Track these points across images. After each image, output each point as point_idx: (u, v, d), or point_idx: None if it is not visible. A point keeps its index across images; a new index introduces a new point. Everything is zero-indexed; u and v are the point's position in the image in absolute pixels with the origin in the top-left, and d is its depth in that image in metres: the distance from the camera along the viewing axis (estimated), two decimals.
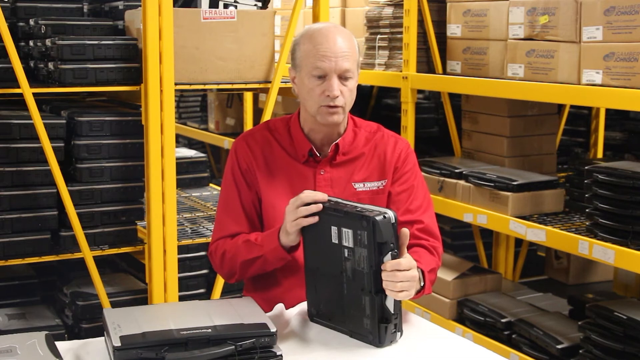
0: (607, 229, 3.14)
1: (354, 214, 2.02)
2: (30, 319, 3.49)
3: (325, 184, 2.35)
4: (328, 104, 2.24)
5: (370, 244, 1.99)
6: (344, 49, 2.24)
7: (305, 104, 2.32)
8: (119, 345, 1.81)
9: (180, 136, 6.44)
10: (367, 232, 1.99)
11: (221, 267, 2.37)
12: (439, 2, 4.19)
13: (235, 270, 2.33)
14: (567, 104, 4.50)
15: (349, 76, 2.25)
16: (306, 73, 2.26)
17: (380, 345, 2.03)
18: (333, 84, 2.22)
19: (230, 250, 2.32)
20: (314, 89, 2.25)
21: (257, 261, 2.26)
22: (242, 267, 2.30)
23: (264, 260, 2.25)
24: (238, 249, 2.30)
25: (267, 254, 2.23)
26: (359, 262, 2.04)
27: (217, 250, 2.36)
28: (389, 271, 1.98)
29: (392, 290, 1.99)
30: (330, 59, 2.22)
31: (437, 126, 5.17)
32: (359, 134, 2.40)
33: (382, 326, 2.03)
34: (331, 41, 2.24)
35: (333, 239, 2.08)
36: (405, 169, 2.40)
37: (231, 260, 2.32)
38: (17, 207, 3.21)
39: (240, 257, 2.29)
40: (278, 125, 2.42)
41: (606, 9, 3.14)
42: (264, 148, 2.38)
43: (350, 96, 2.28)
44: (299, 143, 2.36)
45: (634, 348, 3.12)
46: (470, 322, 3.96)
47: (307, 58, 2.26)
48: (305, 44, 2.28)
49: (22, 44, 3.56)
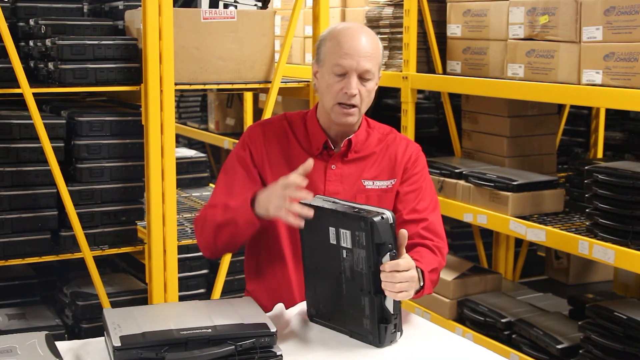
0: (607, 229, 3.14)
1: (352, 215, 2.02)
2: (30, 319, 3.49)
3: (335, 179, 2.36)
4: (344, 102, 2.27)
5: (368, 244, 1.99)
6: (368, 49, 2.28)
7: (323, 99, 2.35)
8: (119, 345, 1.81)
9: (180, 136, 6.44)
10: (365, 233, 1.98)
11: (201, 234, 2.36)
12: (439, 2, 4.19)
13: (210, 236, 2.31)
14: (567, 104, 4.50)
15: (368, 77, 2.29)
16: (328, 69, 2.30)
17: (380, 346, 2.04)
18: (352, 82, 2.26)
19: (210, 216, 2.31)
20: (333, 85, 2.28)
21: (229, 225, 2.25)
22: (215, 231, 2.29)
23: (235, 224, 2.23)
24: (216, 213, 2.29)
25: (238, 216, 2.22)
26: (357, 263, 2.04)
27: (201, 217, 2.37)
28: (387, 272, 1.98)
29: (391, 290, 1.99)
30: (353, 57, 2.26)
31: (437, 126, 5.17)
32: (371, 134, 2.43)
33: (382, 326, 2.03)
34: (356, 40, 2.28)
35: (331, 240, 2.08)
36: (415, 171, 2.43)
37: (209, 224, 2.31)
38: (17, 207, 3.21)
39: (216, 220, 2.28)
40: (295, 118, 2.45)
41: (606, 9, 3.14)
42: (279, 137, 2.40)
43: (367, 97, 2.31)
44: (315, 135, 2.39)
45: (634, 348, 3.11)
46: (470, 322, 3.96)
47: (331, 55, 2.29)
48: (331, 40, 2.32)
49: (22, 44, 3.56)
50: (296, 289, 2.37)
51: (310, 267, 2.17)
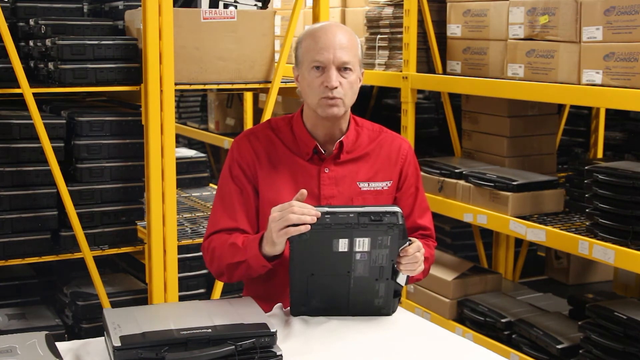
0: (607, 229, 3.15)
1: (372, 225, 2.06)
2: (30, 319, 3.49)
3: (329, 182, 2.35)
4: (327, 95, 2.27)
5: (394, 244, 2.10)
6: (343, 41, 2.28)
7: (307, 98, 2.34)
8: (119, 345, 1.81)
9: (180, 136, 6.44)
10: (392, 237, 2.08)
11: (211, 265, 2.36)
12: (439, 2, 4.19)
13: (223, 271, 2.32)
14: (567, 104, 4.50)
15: (348, 67, 2.28)
16: (306, 67, 2.30)
17: (392, 313, 2.23)
18: (331, 75, 2.26)
19: (218, 249, 2.30)
20: (314, 80, 2.28)
21: (241, 265, 2.25)
22: (228, 269, 2.29)
23: (248, 266, 2.23)
24: (224, 251, 2.28)
25: (250, 260, 2.21)
26: (376, 261, 2.11)
27: (209, 247, 2.35)
28: (410, 255, 2.14)
29: (412, 270, 2.16)
30: (329, 50, 2.26)
31: (437, 126, 5.17)
32: (361, 133, 2.42)
33: (395, 300, 2.22)
34: (330, 35, 2.29)
35: (339, 249, 2.09)
36: (410, 171, 2.45)
37: (219, 260, 2.31)
38: (17, 207, 3.21)
39: (226, 259, 2.28)
40: (280, 124, 2.43)
41: (606, 9, 3.14)
42: (267, 146, 2.38)
43: (350, 90, 2.30)
44: (303, 140, 2.37)
45: (634, 348, 3.11)
46: (470, 322, 3.96)
47: (307, 53, 2.30)
48: (306, 40, 2.33)
49: (22, 44, 3.56)
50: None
51: (300, 276, 2.13)
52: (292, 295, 2.18)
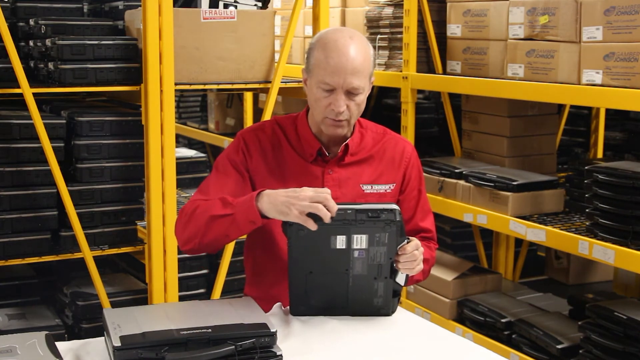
0: (607, 229, 3.14)
1: (370, 222, 2.07)
2: (30, 319, 3.49)
3: (333, 183, 2.35)
4: (332, 117, 2.25)
5: (392, 241, 2.11)
6: (356, 64, 2.21)
7: (313, 110, 2.32)
8: (119, 345, 1.81)
9: (180, 136, 6.43)
10: (390, 234, 2.09)
11: (185, 227, 2.25)
12: (439, 2, 4.19)
13: (199, 228, 2.20)
14: (567, 104, 4.50)
15: (357, 92, 2.24)
16: (315, 82, 2.25)
17: (391, 314, 2.22)
18: (339, 100, 2.22)
19: (203, 206, 2.22)
20: (321, 99, 2.25)
21: (223, 219, 2.16)
22: (207, 223, 2.18)
23: (232, 220, 2.14)
24: (213, 205, 2.20)
25: (238, 213, 2.14)
26: (374, 258, 2.12)
27: (190, 208, 2.25)
28: (409, 254, 2.13)
29: (410, 268, 2.16)
30: (340, 74, 2.20)
31: (437, 126, 5.17)
32: (365, 135, 2.42)
33: (394, 299, 2.22)
34: (343, 56, 2.20)
35: (337, 246, 2.10)
36: (413, 174, 2.44)
37: (200, 215, 2.20)
38: (17, 207, 3.21)
39: (210, 212, 2.19)
40: (286, 123, 2.42)
41: (606, 9, 3.14)
42: (273, 143, 2.37)
43: (357, 110, 2.28)
44: (307, 142, 2.36)
45: (634, 348, 3.11)
46: (470, 322, 3.96)
47: (318, 67, 2.24)
48: (318, 50, 2.25)
49: (22, 44, 3.56)
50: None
51: (299, 274, 2.14)
52: (292, 295, 2.19)
